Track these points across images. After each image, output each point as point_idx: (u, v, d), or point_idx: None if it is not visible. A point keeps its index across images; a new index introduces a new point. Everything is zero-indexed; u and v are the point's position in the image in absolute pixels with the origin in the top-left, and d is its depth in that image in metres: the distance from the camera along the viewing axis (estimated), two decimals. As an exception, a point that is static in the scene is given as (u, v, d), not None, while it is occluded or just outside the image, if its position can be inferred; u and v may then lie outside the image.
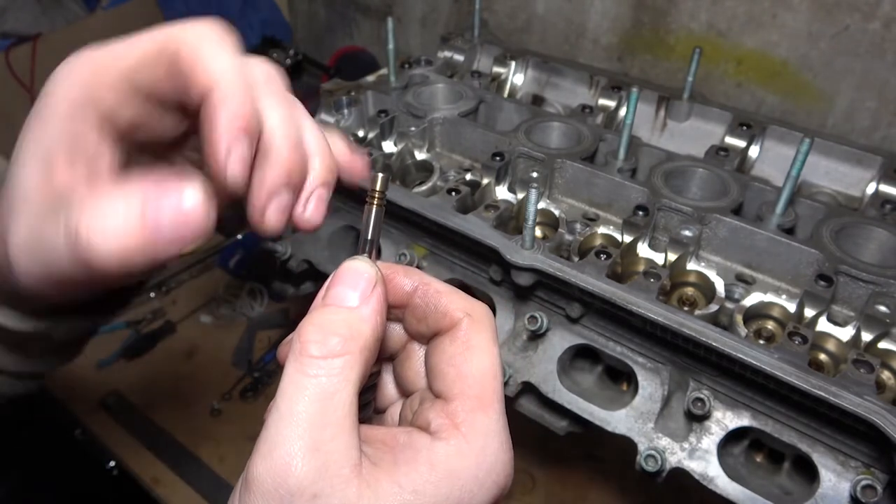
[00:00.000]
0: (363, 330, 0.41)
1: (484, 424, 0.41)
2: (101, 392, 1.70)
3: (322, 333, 0.40)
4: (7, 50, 1.97)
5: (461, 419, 0.41)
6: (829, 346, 0.82)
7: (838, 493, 0.73)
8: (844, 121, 1.31)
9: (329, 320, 0.41)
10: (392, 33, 1.17)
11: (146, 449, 1.55)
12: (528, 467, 1.50)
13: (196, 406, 1.66)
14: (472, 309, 0.45)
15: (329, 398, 0.38)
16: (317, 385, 0.38)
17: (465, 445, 0.40)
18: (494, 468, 0.41)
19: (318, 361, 0.39)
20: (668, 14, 1.43)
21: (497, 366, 0.44)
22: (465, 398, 0.42)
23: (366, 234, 0.47)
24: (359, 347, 0.40)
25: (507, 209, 0.95)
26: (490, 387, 0.42)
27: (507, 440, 0.42)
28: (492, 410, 0.42)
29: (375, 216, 0.47)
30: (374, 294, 0.43)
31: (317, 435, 0.37)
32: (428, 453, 0.40)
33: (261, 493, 0.37)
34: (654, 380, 0.85)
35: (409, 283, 0.47)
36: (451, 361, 0.43)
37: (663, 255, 0.91)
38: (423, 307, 0.46)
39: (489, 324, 0.45)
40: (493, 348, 0.44)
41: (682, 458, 0.80)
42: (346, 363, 0.40)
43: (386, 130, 1.13)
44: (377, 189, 0.46)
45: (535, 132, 1.08)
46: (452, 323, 0.45)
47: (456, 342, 0.44)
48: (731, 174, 0.98)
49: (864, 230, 0.89)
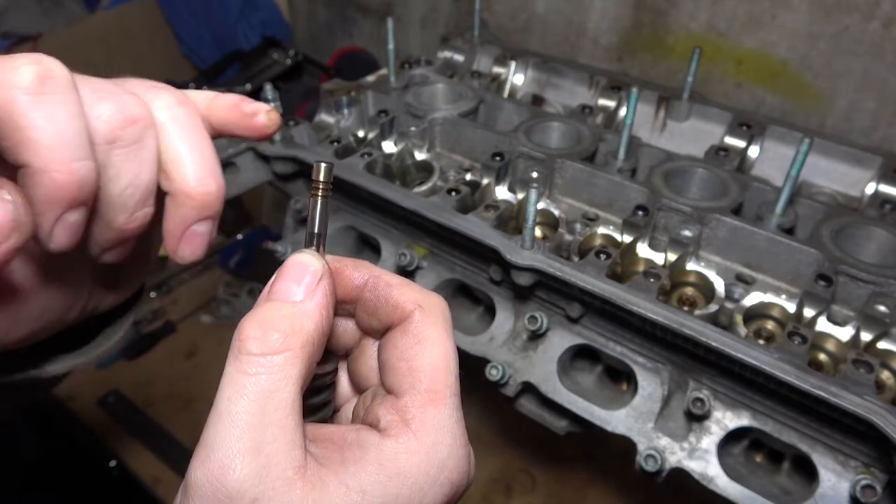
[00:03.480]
0: (306, 325, 0.40)
1: (435, 420, 0.40)
2: (101, 392, 1.71)
3: (262, 329, 0.38)
4: (7, 50, 1.97)
5: (411, 415, 0.40)
6: (829, 346, 0.82)
7: (838, 493, 0.73)
8: (844, 121, 1.31)
9: (270, 316, 0.39)
10: (392, 33, 1.17)
11: (146, 449, 1.56)
12: (528, 467, 1.51)
13: (196, 406, 1.67)
14: (424, 300, 0.44)
15: (269, 397, 0.37)
16: (256, 383, 0.37)
17: (415, 442, 0.39)
18: (447, 465, 0.40)
19: (258, 359, 0.37)
20: (668, 14, 1.43)
21: (450, 358, 0.42)
22: (415, 393, 0.41)
23: (311, 227, 0.44)
24: (300, 343, 0.39)
25: (507, 209, 0.95)
26: (442, 380, 0.41)
27: (461, 435, 0.41)
28: (444, 405, 0.41)
29: (321, 208, 0.44)
30: (319, 288, 0.41)
31: (257, 436, 0.36)
32: (376, 452, 0.38)
33: (199, 497, 0.35)
34: (654, 380, 0.85)
35: (358, 277, 0.45)
36: (402, 355, 0.42)
37: (663, 255, 0.91)
38: (373, 301, 0.45)
39: (441, 315, 0.44)
40: (445, 340, 0.43)
41: (681, 458, 0.80)
42: (287, 360, 0.38)
43: (386, 130, 1.13)
44: (321, 180, 0.44)
45: (535, 132, 1.08)
46: (404, 316, 0.43)
47: (407, 335, 0.43)
48: (730, 174, 0.98)
49: (864, 230, 0.89)
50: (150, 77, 0.47)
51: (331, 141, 1.11)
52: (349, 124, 1.18)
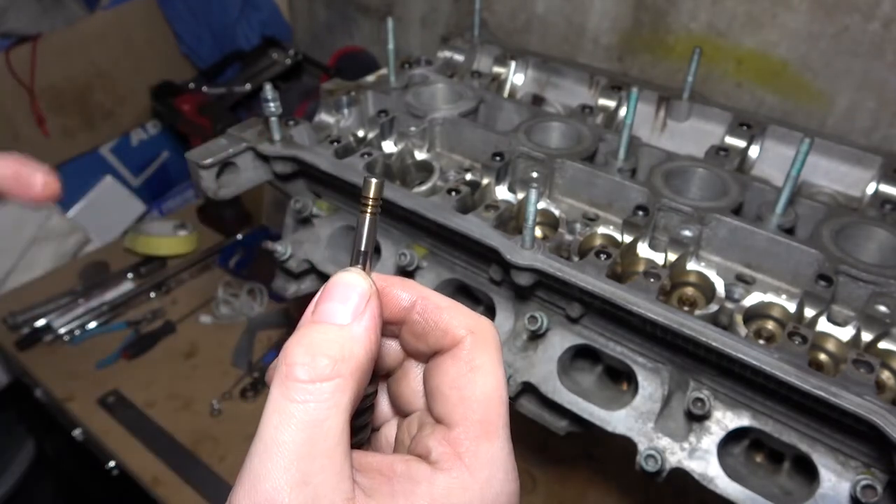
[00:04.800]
0: (355, 350, 0.38)
1: (489, 454, 0.38)
2: (101, 392, 1.71)
3: (310, 355, 0.37)
4: (7, 50, 1.97)
5: (464, 448, 0.38)
6: (829, 346, 0.82)
7: (838, 493, 0.73)
8: (844, 121, 1.31)
9: (318, 340, 0.38)
10: (392, 33, 1.17)
11: (146, 449, 1.55)
12: (528, 467, 1.50)
13: (196, 406, 1.66)
14: (476, 326, 0.42)
15: (318, 426, 0.35)
16: (304, 412, 0.35)
17: (469, 478, 0.38)
18: (499, 501, 0.38)
19: (306, 386, 0.36)
20: (668, 14, 1.43)
21: (503, 388, 0.41)
22: (468, 424, 0.39)
23: (359, 245, 0.43)
24: (350, 370, 0.37)
25: (507, 209, 0.95)
26: (495, 412, 0.40)
27: (512, 469, 0.40)
28: (497, 438, 0.39)
29: (369, 225, 0.43)
30: (368, 310, 0.39)
31: (305, 467, 0.34)
32: (428, 486, 0.37)
33: None
34: (654, 380, 0.85)
35: (406, 297, 0.43)
36: (453, 384, 0.41)
37: (663, 255, 0.91)
38: (422, 324, 0.43)
39: (494, 342, 0.42)
40: (498, 370, 0.41)
41: (681, 458, 0.80)
42: (337, 387, 0.36)
43: (386, 130, 1.13)
44: (370, 196, 0.42)
45: (535, 132, 1.08)
46: (454, 341, 0.42)
47: (458, 363, 0.41)
48: (731, 174, 0.98)
49: (864, 230, 0.89)
50: (149, 76, 0.47)
51: (331, 141, 1.10)
52: (349, 124, 1.18)
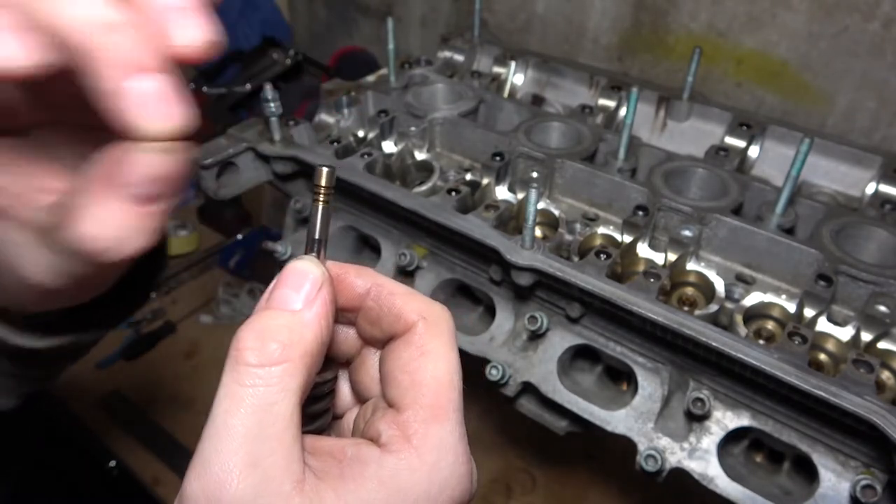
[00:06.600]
0: (305, 335, 0.39)
1: (437, 436, 0.39)
2: (101, 392, 1.71)
3: (260, 340, 0.37)
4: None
5: (412, 430, 0.39)
6: (829, 346, 0.82)
7: (838, 493, 0.73)
8: (844, 121, 1.31)
9: (268, 325, 0.38)
10: (392, 33, 1.17)
11: (146, 449, 1.55)
12: (528, 467, 1.51)
13: (196, 406, 1.66)
14: (428, 311, 0.42)
15: (267, 410, 0.36)
16: (253, 396, 0.36)
17: (417, 459, 0.38)
18: (449, 483, 0.39)
19: (256, 370, 0.36)
20: (668, 14, 1.43)
21: (454, 372, 0.41)
22: (417, 408, 0.39)
23: (312, 233, 0.43)
24: (299, 354, 0.38)
25: (507, 209, 0.95)
26: (445, 396, 0.40)
27: (464, 452, 0.40)
28: (447, 421, 0.40)
29: (322, 213, 0.43)
30: (320, 297, 0.40)
31: (254, 449, 0.35)
32: (377, 467, 0.38)
33: None
34: (654, 380, 0.85)
35: (361, 285, 0.44)
36: (404, 368, 0.41)
37: (663, 255, 0.91)
38: (376, 310, 0.44)
39: (446, 327, 0.43)
40: (449, 354, 0.42)
41: (681, 458, 0.80)
42: (286, 371, 0.37)
43: (386, 130, 1.13)
44: (322, 185, 0.43)
45: (535, 132, 1.08)
46: (407, 326, 0.42)
47: (410, 347, 0.42)
48: (731, 174, 0.98)
49: (864, 230, 0.89)
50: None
51: (331, 141, 1.10)
52: (349, 124, 1.18)
